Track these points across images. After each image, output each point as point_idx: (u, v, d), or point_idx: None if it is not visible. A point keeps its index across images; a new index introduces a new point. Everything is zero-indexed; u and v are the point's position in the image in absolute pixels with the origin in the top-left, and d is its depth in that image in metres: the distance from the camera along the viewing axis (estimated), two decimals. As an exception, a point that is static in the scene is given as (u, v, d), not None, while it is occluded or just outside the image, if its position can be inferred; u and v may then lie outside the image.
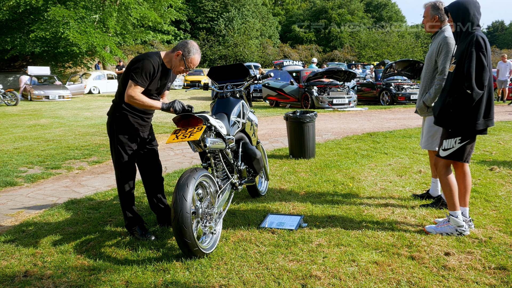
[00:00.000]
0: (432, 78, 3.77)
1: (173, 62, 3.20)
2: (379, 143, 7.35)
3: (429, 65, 3.79)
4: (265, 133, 9.18)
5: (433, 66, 3.76)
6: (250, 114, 4.09)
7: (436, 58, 3.70)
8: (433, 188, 4.18)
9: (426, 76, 3.83)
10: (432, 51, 3.77)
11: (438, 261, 2.86)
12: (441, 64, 3.64)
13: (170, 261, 2.92)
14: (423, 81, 3.87)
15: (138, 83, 3.07)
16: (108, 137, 3.47)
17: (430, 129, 3.86)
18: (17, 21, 25.46)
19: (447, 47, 3.61)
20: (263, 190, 4.52)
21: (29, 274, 2.79)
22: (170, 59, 3.20)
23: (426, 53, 3.91)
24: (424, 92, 3.83)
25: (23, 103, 18.06)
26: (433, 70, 3.76)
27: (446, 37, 3.64)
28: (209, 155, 3.31)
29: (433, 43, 3.82)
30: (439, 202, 3.96)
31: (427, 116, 3.90)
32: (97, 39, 23.65)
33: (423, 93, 3.85)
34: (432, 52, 3.76)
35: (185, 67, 3.18)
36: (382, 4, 55.47)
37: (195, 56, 3.18)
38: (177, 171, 5.61)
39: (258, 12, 46.42)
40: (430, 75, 3.79)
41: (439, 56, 3.66)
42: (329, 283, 2.59)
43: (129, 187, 3.40)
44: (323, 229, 3.46)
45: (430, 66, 3.78)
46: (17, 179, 5.40)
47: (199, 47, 3.24)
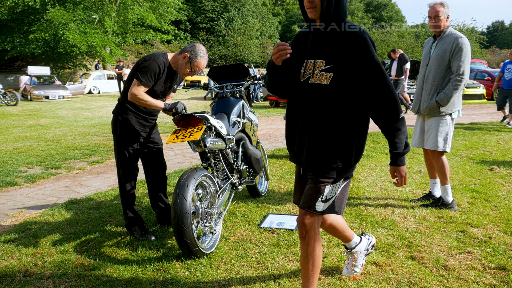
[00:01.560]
0: (444, 77, 3.76)
1: (179, 64, 3.20)
2: (379, 143, 7.35)
3: (442, 64, 3.76)
4: (265, 133, 9.18)
5: (446, 66, 3.75)
6: (250, 114, 4.09)
7: (451, 58, 3.70)
8: (433, 189, 4.19)
9: (437, 76, 3.79)
10: (444, 50, 3.74)
11: (438, 261, 2.86)
12: (459, 66, 3.66)
13: (170, 261, 2.92)
14: (432, 81, 3.82)
15: (142, 82, 3.08)
16: (109, 136, 3.46)
17: (440, 130, 3.81)
18: (16, 22, 25.45)
19: (466, 48, 3.67)
20: (263, 190, 4.52)
21: (29, 274, 2.79)
22: (177, 61, 3.21)
23: (432, 53, 3.87)
24: (436, 92, 3.79)
25: (23, 103, 18.06)
26: (445, 69, 3.76)
27: (462, 37, 3.68)
28: (209, 155, 3.32)
29: (440, 43, 3.80)
30: (438, 202, 3.96)
31: (435, 117, 3.84)
32: (96, 40, 23.63)
33: (434, 93, 3.80)
34: (445, 51, 3.74)
35: (191, 70, 3.19)
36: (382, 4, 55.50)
37: (202, 60, 3.19)
38: (177, 171, 5.61)
39: (258, 12, 46.42)
40: (442, 75, 3.77)
41: (455, 56, 3.68)
42: (329, 283, 2.59)
43: (130, 186, 3.41)
44: (323, 229, 3.46)
45: (443, 66, 3.76)
46: (17, 179, 5.40)
47: (206, 51, 3.25)
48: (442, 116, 3.81)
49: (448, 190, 3.90)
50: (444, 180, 3.91)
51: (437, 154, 3.88)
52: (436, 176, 4.13)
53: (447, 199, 3.91)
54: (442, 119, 3.81)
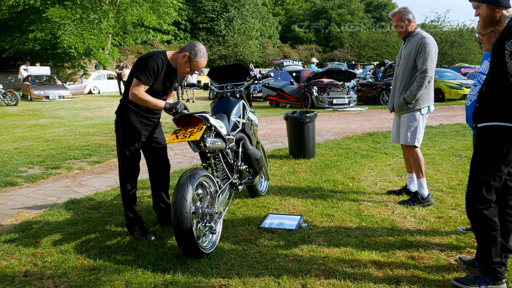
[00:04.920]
0: (412, 76, 3.99)
1: (178, 63, 3.20)
2: (379, 143, 7.35)
3: (408, 64, 4.00)
4: (265, 133, 9.18)
5: (412, 65, 3.99)
6: (250, 114, 4.09)
7: (416, 58, 3.94)
8: (409, 183, 4.33)
9: (405, 75, 4.02)
10: (410, 50, 3.97)
11: (438, 261, 2.87)
12: (422, 64, 3.89)
13: (170, 261, 2.92)
14: (401, 79, 4.05)
15: (142, 81, 3.08)
16: (109, 136, 3.47)
17: (409, 125, 4.04)
18: (16, 21, 25.44)
19: (429, 47, 3.90)
20: (263, 190, 4.52)
21: (29, 274, 2.79)
22: (176, 59, 3.21)
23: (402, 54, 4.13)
24: (404, 90, 4.02)
25: (23, 103, 18.05)
26: (412, 68, 4.00)
27: (425, 37, 3.93)
28: (209, 155, 3.31)
29: (408, 44, 4.04)
30: (415, 197, 4.09)
31: (406, 113, 4.07)
32: (93, 41, 23.59)
33: (402, 91, 4.04)
34: (410, 51, 3.97)
35: (190, 69, 3.19)
36: (382, 4, 55.42)
37: (201, 59, 3.19)
38: (177, 171, 5.61)
39: (258, 12, 46.38)
40: (409, 74, 4.00)
41: (419, 55, 3.92)
42: (329, 283, 2.59)
43: (131, 186, 3.41)
44: (323, 229, 3.46)
45: (409, 65, 3.99)
46: (17, 179, 5.40)
47: (206, 50, 3.25)
48: (411, 112, 4.04)
49: (424, 184, 4.06)
50: (419, 174, 4.07)
51: (410, 148, 4.11)
52: (412, 171, 4.28)
53: (422, 192, 4.06)
54: (411, 115, 4.04)
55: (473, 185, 2.47)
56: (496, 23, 2.44)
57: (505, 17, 2.39)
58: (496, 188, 2.43)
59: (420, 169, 4.06)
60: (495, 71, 2.35)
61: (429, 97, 4.03)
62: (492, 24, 2.46)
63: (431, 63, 3.87)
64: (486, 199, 2.42)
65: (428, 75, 3.86)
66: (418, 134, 4.03)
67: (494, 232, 2.43)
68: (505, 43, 2.25)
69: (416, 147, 4.06)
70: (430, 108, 4.07)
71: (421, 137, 4.07)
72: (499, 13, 2.40)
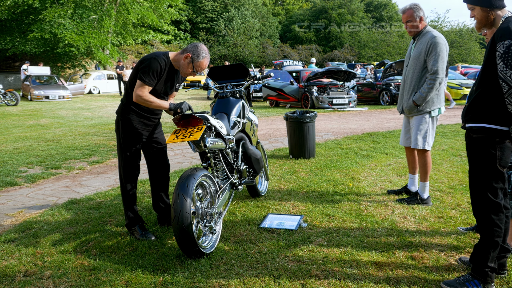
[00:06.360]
0: (422, 77, 3.87)
1: (181, 64, 3.19)
2: (379, 143, 7.35)
3: (418, 64, 3.87)
4: (265, 133, 9.18)
5: (422, 66, 3.86)
6: (250, 114, 4.09)
7: (426, 58, 3.81)
8: (410, 184, 4.32)
9: (415, 76, 3.90)
10: (420, 50, 3.85)
11: (438, 261, 2.87)
12: (433, 64, 3.76)
13: (170, 261, 2.93)
14: (411, 80, 3.93)
15: (145, 82, 3.08)
16: (109, 136, 3.47)
17: (420, 128, 3.94)
18: (16, 21, 25.43)
19: (440, 46, 3.77)
20: (263, 190, 4.52)
21: (29, 274, 2.79)
22: (178, 61, 3.20)
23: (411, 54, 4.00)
24: (414, 92, 3.91)
25: (23, 103, 18.05)
26: (422, 69, 3.87)
27: (436, 36, 3.78)
28: (209, 155, 3.31)
29: (418, 43, 3.91)
30: (415, 197, 4.08)
31: (415, 115, 3.97)
32: (94, 40, 23.59)
33: (412, 93, 3.92)
34: (420, 51, 3.84)
35: (193, 70, 3.18)
36: (382, 4, 55.37)
37: (204, 60, 3.18)
38: (177, 171, 5.61)
39: (258, 12, 46.36)
40: (419, 74, 3.88)
41: (429, 55, 3.78)
42: (329, 283, 2.59)
43: (131, 186, 3.41)
44: (323, 229, 3.46)
45: (419, 66, 3.87)
46: (17, 179, 5.40)
47: (208, 50, 3.25)
48: (421, 115, 3.93)
49: (426, 188, 4.05)
50: (425, 177, 4.04)
51: (420, 152, 4.03)
52: (415, 172, 4.26)
53: (423, 195, 4.05)
54: (421, 117, 3.94)
55: (477, 192, 2.45)
56: (491, 24, 2.44)
57: (499, 18, 2.39)
58: (500, 188, 2.42)
59: (426, 173, 4.00)
60: (486, 72, 2.35)
61: (440, 98, 3.91)
62: (487, 25, 2.46)
63: (442, 64, 3.74)
64: (494, 203, 2.40)
65: (439, 77, 3.73)
66: (428, 137, 3.92)
67: (498, 238, 2.43)
68: (497, 44, 2.25)
69: (426, 150, 3.96)
70: (441, 110, 3.96)
71: (432, 140, 3.97)
72: (493, 14, 2.41)
